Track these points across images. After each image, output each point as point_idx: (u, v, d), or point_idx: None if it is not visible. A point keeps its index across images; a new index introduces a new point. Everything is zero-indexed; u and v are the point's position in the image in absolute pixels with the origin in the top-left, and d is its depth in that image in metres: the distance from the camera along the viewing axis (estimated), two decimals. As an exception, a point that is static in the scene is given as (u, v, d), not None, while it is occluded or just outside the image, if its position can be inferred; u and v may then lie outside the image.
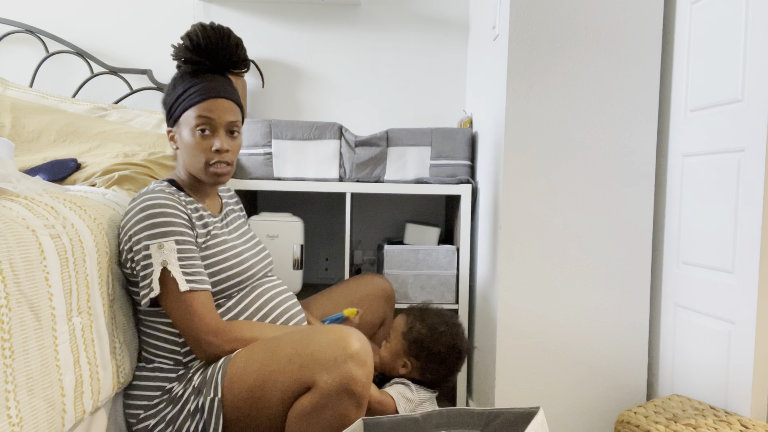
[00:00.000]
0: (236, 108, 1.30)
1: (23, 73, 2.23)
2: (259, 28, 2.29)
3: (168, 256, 1.15)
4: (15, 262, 0.88)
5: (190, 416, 1.15)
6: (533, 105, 1.57)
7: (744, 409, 1.28)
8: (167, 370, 1.22)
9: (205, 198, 1.35)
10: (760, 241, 1.25)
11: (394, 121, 2.31)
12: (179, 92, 1.27)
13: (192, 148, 1.26)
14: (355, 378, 1.07)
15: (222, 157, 1.26)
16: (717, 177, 1.39)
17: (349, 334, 1.11)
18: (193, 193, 1.33)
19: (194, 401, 1.15)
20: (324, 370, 1.07)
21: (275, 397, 1.10)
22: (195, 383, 1.17)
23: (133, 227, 1.18)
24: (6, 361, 0.84)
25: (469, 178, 1.93)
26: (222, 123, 1.26)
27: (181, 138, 1.28)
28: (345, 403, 1.07)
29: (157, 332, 1.24)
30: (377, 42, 2.31)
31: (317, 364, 1.08)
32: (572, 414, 1.61)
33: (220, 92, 1.26)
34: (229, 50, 1.28)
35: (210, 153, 1.25)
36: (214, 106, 1.25)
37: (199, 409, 1.14)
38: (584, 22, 1.56)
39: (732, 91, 1.35)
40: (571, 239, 1.59)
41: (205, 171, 1.27)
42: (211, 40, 1.25)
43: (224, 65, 1.29)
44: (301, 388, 1.09)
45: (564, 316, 1.60)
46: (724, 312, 1.35)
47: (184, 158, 1.29)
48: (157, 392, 1.20)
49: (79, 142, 1.88)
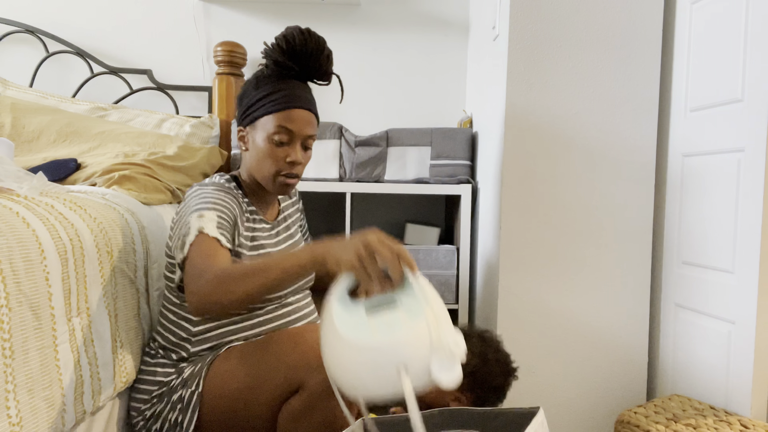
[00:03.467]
0: (315, 120, 1.25)
1: (23, 73, 2.23)
2: (259, 28, 2.29)
3: (206, 223, 1.09)
4: (15, 261, 0.88)
5: (172, 407, 1.15)
6: (533, 105, 1.57)
7: (744, 409, 1.28)
8: (169, 365, 1.22)
9: (263, 204, 1.31)
10: (760, 241, 1.25)
11: (394, 121, 2.31)
12: (261, 94, 1.21)
13: (265, 156, 1.21)
14: None
15: (294, 169, 1.22)
16: (717, 177, 1.39)
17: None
18: (252, 196, 1.30)
19: (179, 392, 1.15)
20: (312, 371, 1.05)
21: (263, 398, 1.09)
22: (185, 374, 1.17)
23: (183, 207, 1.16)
24: (6, 361, 0.84)
25: (469, 178, 1.93)
26: (300, 135, 1.21)
27: (253, 141, 1.23)
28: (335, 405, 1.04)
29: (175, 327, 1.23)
30: (377, 42, 2.31)
31: (306, 364, 1.06)
32: (572, 414, 1.61)
33: (303, 103, 1.21)
34: (321, 60, 1.22)
35: (282, 163, 1.21)
36: (295, 116, 1.20)
37: (180, 400, 1.14)
38: (584, 22, 1.56)
39: (732, 91, 1.35)
40: (571, 239, 1.59)
41: (272, 180, 1.22)
42: (307, 46, 1.19)
43: (311, 74, 1.24)
44: (290, 389, 1.07)
45: (564, 316, 1.60)
46: (724, 312, 1.35)
47: (251, 162, 1.24)
48: (155, 386, 1.20)
49: (79, 142, 1.88)
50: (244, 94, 1.25)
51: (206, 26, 2.29)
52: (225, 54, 2.12)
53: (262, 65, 1.24)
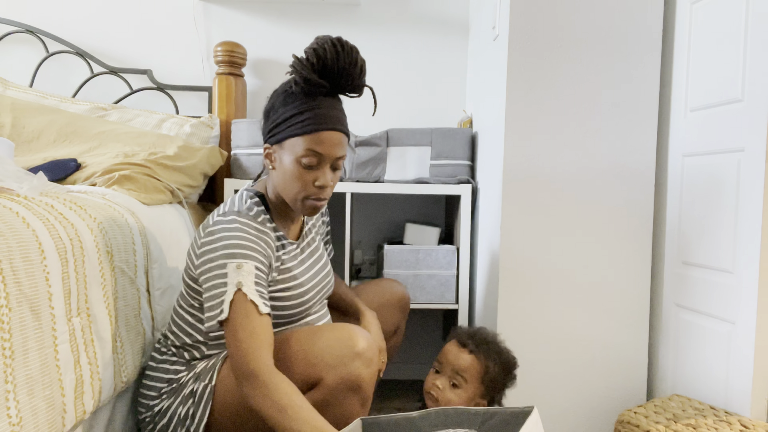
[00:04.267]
0: (346, 140, 1.19)
1: (23, 73, 2.23)
2: (259, 28, 2.29)
3: (245, 278, 1.07)
4: (15, 261, 0.88)
5: (183, 401, 1.16)
6: (533, 105, 1.57)
7: (744, 409, 1.28)
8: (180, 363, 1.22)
9: (288, 222, 1.28)
10: (760, 241, 1.25)
11: (394, 121, 2.31)
12: (290, 113, 1.14)
13: (293, 179, 1.16)
14: (361, 376, 1.08)
15: (322, 193, 1.18)
16: (717, 177, 1.39)
17: (356, 333, 1.11)
18: (278, 216, 1.26)
19: (190, 386, 1.16)
20: (331, 368, 1.08)
21: None
22: (197, 369, 1.18)
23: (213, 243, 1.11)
24: (6, 361, 0.84)
25: (469, 178, 1.93)
26: (330, 158, 1.16)
27: (281, 162, 1.17)
28: (350, 401, 1.09)
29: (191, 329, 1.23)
30: (377, 42, 2.31)
31: (324, 361, 1.08)
32: (572, 414, 1.61)
33: (334, 123, 1.14)
34: (354, 75, 1.14)
35: (311, 187, 1.16)
36: (326, 138, 1.13)
37: (192, 394, 1.15)
38: (584, 22, 1.56)
39: (732, 91, 1.35)
40: (571, 239, 1.59)
41: (301, 203, 1.18)
42: (339, 61, 1.11)
43: (343, 89, 1.17)
44: (306, 385, 1.09)
45: (564, 316, 1.60)
46: (724, 312, 1.35)
47: (278, 182, 1.19)
48: (165, 383, 1.21)
49: (79, 142, 1.88)
50: (272, 110, 1.18)
51: (206, 26, 2.29)
52: (225, 54, 2.12)
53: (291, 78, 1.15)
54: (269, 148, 1.19)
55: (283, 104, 1.15)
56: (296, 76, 1.12)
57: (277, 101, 1.17)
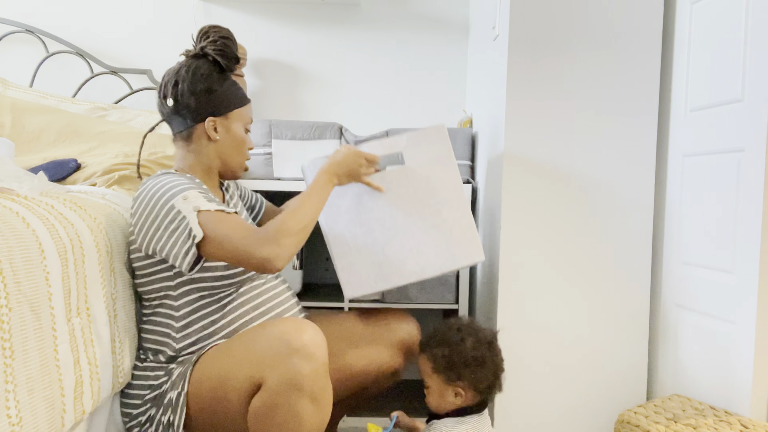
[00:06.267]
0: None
1: (23, 73, 2.23)
2: (259, 28, 2.29)
3: (197, 200, 1.13)
4: (15, 261, 0.88)
5: (164, 410, 1.15)
6: (533, 105, 1.57)
7: (744, 409, 1.28)
8: (159, 368, 1.22)
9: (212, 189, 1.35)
10: (760, 241, 1.25)
11: (394, 121, 2.31)
12: (231, 86, 1.30)
13: (242, 145, 1.32)
14: (301, 373, 1.02)
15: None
16: (717, 177, 1.39)
17: (295, 327, 1.06)
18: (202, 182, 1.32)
19: (169, 394, 1.16)
20: (270, 368, 1.04)
21: (234, 397, 1.09)
22: (173, 376, 1.17)
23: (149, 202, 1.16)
24: (6, 361, 0.84)
25: (469, 178, 1.93)
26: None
27: (228, 131, 1.30)
28: (296, 401, 1.03)
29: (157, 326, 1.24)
30: (377, 42, 2.31)
31: (264, 361, 1.05)
32: (572, 414, 1.61)
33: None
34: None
35: (247, 151, 1.36)
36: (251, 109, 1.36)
37: (170, 402, 1.15)
38: (584, 22, 1.56)
39: (732, 91, 1.35)
40: (571, 239, 1.59)
41: (242, 166, 1.35)
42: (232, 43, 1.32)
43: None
44: (254, 387, 1.06)
45: (564, 316, 1.60)
46: (724, 312, 1.35)
47: (223, 150, 1.31)
48: (148, 390, 1.20)
49: (79, 142, 1.88)
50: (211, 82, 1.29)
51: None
52: (225, 54, 2.12)
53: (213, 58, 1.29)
54: (213, 120, 1.28)
55: (218, 80, 1.28)
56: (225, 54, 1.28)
57: (210, 79, 1.27)
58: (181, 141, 1.30)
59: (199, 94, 1.26)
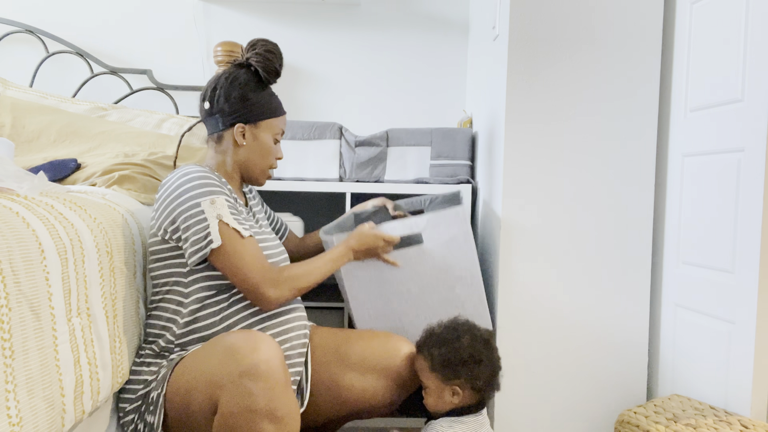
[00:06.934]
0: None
1: (23, 73, 2.23)
2: (259, 28, 2.29)
3: (221, 210, 1.19)
4: (15, 261, 0.88)
5: (147, 407, 1.17)
6: (533, 105, 1.57)
7: (744, 409, 1.29)
8: (152, 363, 1.22)
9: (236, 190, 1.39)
10: (760, 241, 1.25)
11: (394, 121, 2.31)
12: (266, 97, 1.35)
13: (267, 153, 1.37)
14: (253, 395, 0.98)
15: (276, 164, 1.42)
16: (717, 177, 1.39)
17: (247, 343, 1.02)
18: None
19: (152, 394, 1.17)
20: (222, 389, 1.00)
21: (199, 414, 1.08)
22: (159, 376, 1.18)
23: (177, 190, 1.21)
24: (6, 361, 0.84)
25: (469, 178, 1.93)
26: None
27: (256, 139, 1.35)
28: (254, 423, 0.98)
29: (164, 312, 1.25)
30: (377, 42, 2.31)
31: (217, 381, 1.02)
32: (572, 414, 1.61)
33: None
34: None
35: (275, 161, 1.40)
36: (285, 119, 1.41)
37: (152, 401, 1.16)
38: (584, 22, 1.56)
39: (732, 91, 1.35)
40: (571, 239, 1.59)
41: (264, 174, 1.39)
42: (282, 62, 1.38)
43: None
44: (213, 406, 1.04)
45: (564, 316, 1.60)
46: (724, 312, 1.35)
47: (247, 156, 1.35)
48: (141, 385, 1.21)
49: (79, 142, 1.88)
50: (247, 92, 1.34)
51: (206, 26, 2.29)
52: (225, 54, 2.12)
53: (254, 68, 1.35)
54: (243, 127, 1.34)
55: (255, 90, 1.34)
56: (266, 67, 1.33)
57: (246, 88, 1.33)
58: (213, 142, 1.37)
59: (233, 101, 1.32)
